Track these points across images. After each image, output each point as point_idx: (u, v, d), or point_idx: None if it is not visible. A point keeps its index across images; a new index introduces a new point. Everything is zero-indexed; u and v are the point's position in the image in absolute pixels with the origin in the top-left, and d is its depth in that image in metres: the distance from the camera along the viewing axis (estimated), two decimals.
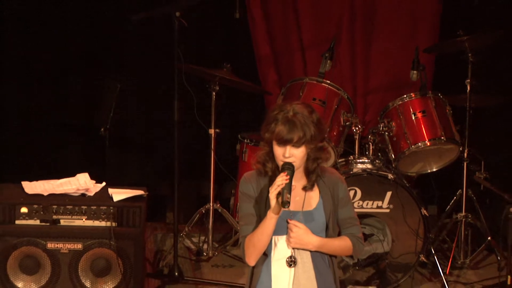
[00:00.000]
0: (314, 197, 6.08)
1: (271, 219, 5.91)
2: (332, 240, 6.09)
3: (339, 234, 6.12)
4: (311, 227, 6.06)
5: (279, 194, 5.93)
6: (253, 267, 6.13)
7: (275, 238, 6.07)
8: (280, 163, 5.98)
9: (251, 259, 6.05)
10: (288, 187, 5.89)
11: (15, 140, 9.57)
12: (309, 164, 6.04)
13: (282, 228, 6.03)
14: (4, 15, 9.44)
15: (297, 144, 5.93)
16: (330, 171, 6.12)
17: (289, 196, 5.88)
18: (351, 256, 6.16)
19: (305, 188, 6.02)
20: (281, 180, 5.90)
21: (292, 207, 5.97)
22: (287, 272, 6.07)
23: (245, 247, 6.04)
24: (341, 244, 6.10)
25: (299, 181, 6.07)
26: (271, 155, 6.00)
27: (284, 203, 5.86)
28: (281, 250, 6.07)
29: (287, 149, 5.92)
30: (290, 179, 5.93)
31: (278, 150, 5.95)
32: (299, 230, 5.96)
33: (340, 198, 6.06)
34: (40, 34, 9.54)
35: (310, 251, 6.09)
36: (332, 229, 6.03)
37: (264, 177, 6.05)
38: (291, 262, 6.05)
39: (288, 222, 6.07)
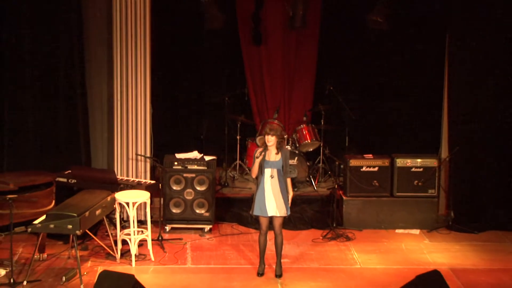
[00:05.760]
0: (278, 157, 5.81)
1: (256, 162, 5.78)
2: (289, 184, 5.84)
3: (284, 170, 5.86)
4: (277, 167, 5.75)
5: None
6: (259, 180, 5.78)
7: (265, 169, 5.77)
8: (266, 144, 5.77)
9: (253, 174, 5.86)
10: (260, 153, 5.78)
11: (169, 141, 8.65)
12: (277, 145, 5.81)
13: (267, 166, 5.77)
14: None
15: (271, 135, 5.76)
16: (285, 148, 5.91)
17: (258, 155, 5.72)
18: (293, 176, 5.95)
19: (276, 153, 5.81)
20: (259, 151, 5.80)
21: (271, 159, 5.73)
22: (270, 181, 5.82)
23: (251, 170, 5.90)
24: (290, 182, 5.88)
25: (274, 150, 5.82)
26: (264, 142, 5.84)
27: (257, 157, 5.73)
28: (267, 173, 5.81)
29: (268, 136, 5.75)
30: (262, 151, 5.76)
31: (265, 137, 5.78)
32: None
33: (288, 157, 5.85)
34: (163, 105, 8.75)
35: (278, 176, 5.78)
36: (285, 168, 5.77)
37: (260, 147, 5.88)
38: (271, 176, 5.83)
39: (267, 162, 5.66)
